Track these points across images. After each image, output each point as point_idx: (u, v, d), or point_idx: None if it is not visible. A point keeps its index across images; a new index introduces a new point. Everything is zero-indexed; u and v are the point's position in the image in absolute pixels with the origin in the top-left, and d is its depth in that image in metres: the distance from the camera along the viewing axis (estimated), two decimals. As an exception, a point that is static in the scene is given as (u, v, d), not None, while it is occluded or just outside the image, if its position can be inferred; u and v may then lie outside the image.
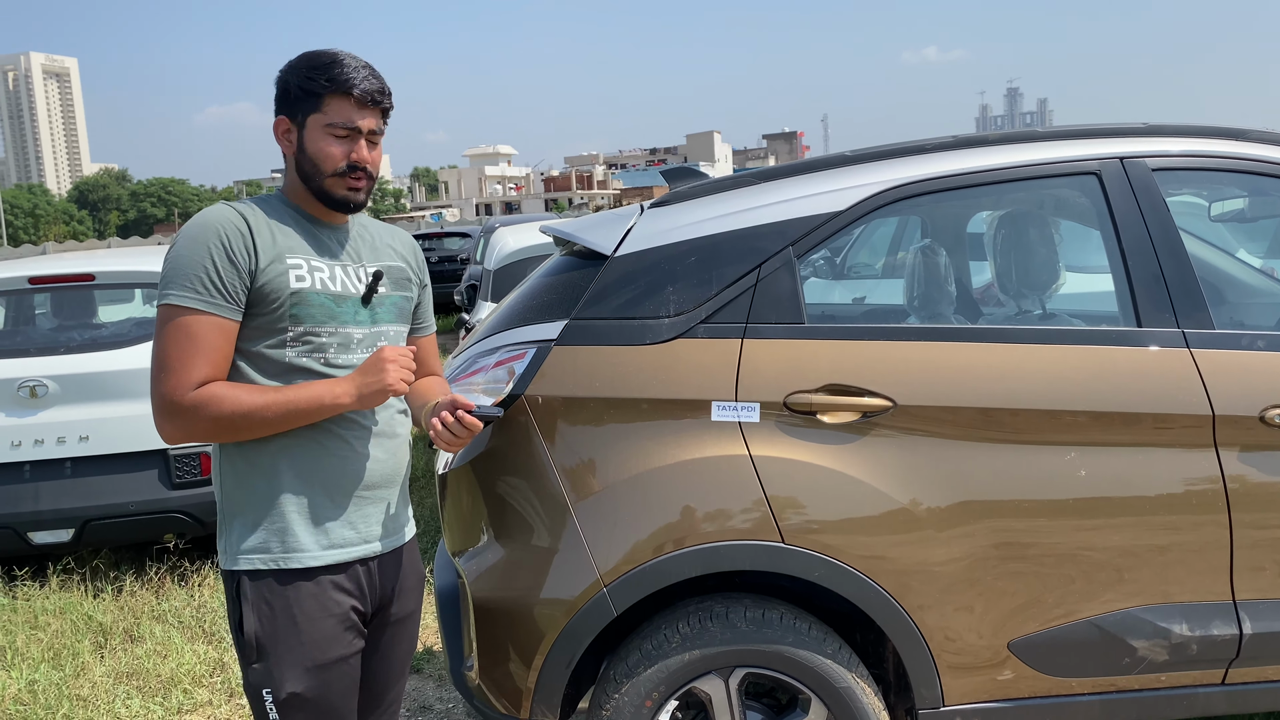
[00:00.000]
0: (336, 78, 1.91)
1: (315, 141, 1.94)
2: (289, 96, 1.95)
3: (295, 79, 1.93)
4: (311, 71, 1.92)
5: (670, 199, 2.60)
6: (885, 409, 2.33)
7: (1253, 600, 2.39)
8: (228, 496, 1.96)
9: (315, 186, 1.96)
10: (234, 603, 1.95)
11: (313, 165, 1.95)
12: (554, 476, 2.36)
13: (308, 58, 1.95)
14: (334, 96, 1.92)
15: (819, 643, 2.35)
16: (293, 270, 1.91)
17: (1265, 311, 3.51)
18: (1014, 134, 2.61)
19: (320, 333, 1.93)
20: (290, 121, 1.96)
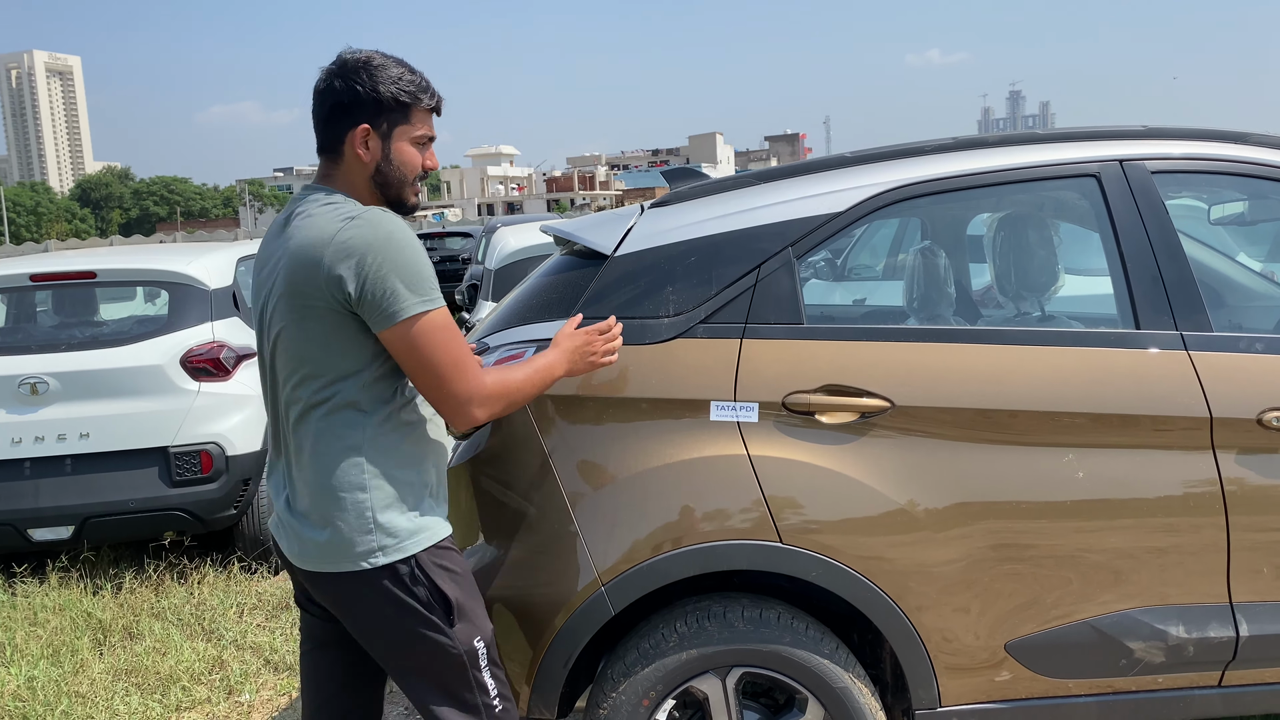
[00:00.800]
0: (423, 90, 2.02)
1: (403, 152, 2.02)
2: (379, 105, 1.98)
3: (387, 89, 1.97)
4: (402, 83, 1.99)
5: (670, 199, 2.61)
6: (883, 409, 2.33)
7: (1249, 602, 2.40)
8: (381, 494, 1.99)
9: (394, 194, 2.04)
10: (415, 584, 2.01)
11: (398, 174, 2.03)
12: (553, 475, 2.37)
13: (391, 69, 1.99)
14: (421, 110, 2.02)
15: (816, 643, 2.35)
16: None
17: (1264, 314, 3.51)
18: (1013, 136, 2.61)
19: None
20: (373, 130, 1.99)
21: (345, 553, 1.98)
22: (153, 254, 5.79)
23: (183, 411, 4.85)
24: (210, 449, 4.85)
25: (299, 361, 1.98)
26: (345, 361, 1.96)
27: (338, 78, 1.98)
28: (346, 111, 1.98)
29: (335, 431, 1.98)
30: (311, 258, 1.90)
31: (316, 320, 1.94)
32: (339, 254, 1.88)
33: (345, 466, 1.97)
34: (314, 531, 2.01)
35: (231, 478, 4.90)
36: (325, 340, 1.95)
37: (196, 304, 5.14)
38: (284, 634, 4.37)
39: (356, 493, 1.97)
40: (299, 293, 1.93)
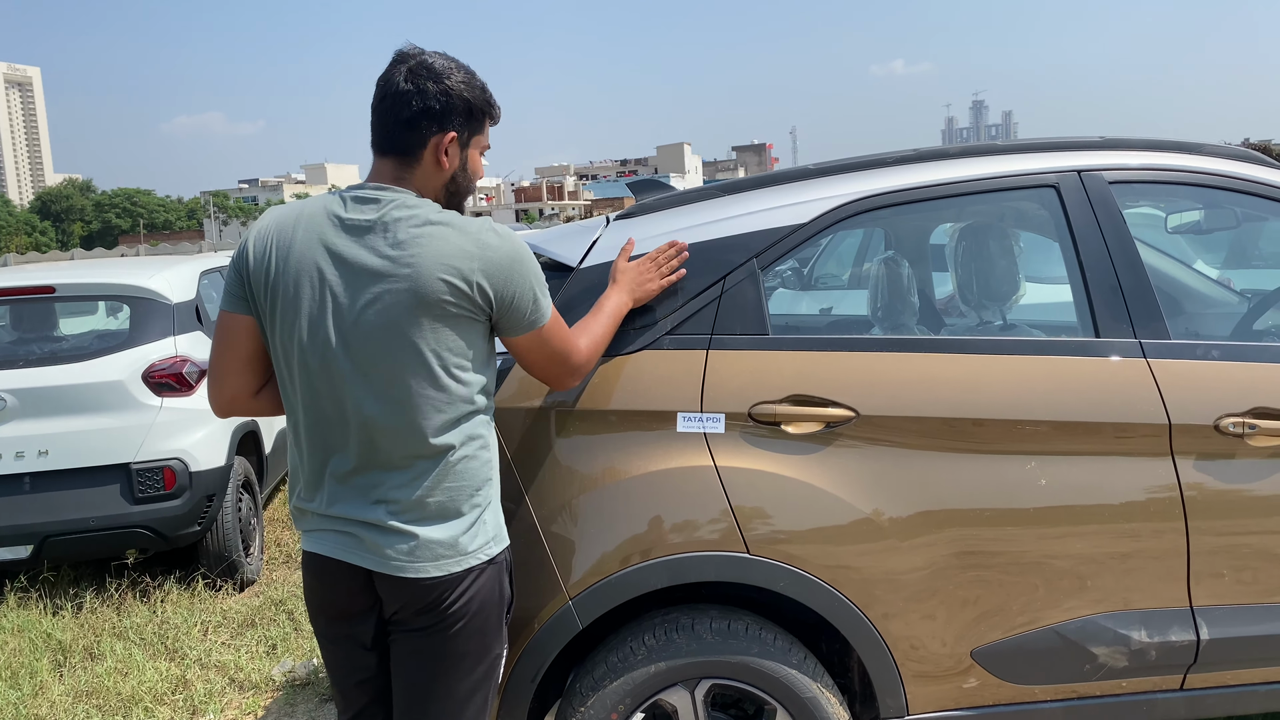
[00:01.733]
0: (495, 105, 2.07)
1: (475, 161, 2.06)
2: (470, 113, 1.99)
3: (476, 100, 1.99)
4: (486, 95, 2.03)
5: (636, 211, 2.61)
6: (848, 419, 2.35)
7: (1209, 606, 2.43)
8: (494, 488, 2.06)
9: (459, 203, 2.07)
10: (504, 582, 2.06)
11: (469, 182, 2.07)
12: (518, 489, 2.35)
13: (473, 78, 2.01)
14: (488, 122, 2.07)
15: (784, 653, 2.36)
16: None
17: (1220, 321, 3.58)
18: (974, 147, 2.64)
19: None
20: (458, 138, 1.99)
21: (464, 548, 1.97)
22: (114, 268, 5.72)
23: (145, 427, 4.78)
24: (173, 465, 4.79)
25: (434, 365, 1.91)
26: (480, 364, 1.99)
27: (429, 79, 1.94)
28: (435, 116, 1.95)
29: (469, 428, 1.98)
30: (454, 268, 1.88)
31: (457, 328, 1.92)
32: (486, 267, 1.91)
33: (478, 464, 2.00)
34: (435, 530, 1.94)
35: (195, 494, 4.84)
36: (455, 348, 1.93)
37: (159, 318, 5.08)
38: (249, 652, 4.31)
39: (485, 487, 2.02)
40: (435, 307, 1.88)
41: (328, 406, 1.94)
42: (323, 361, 1.92)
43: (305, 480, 2.02)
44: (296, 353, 1.94)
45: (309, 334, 1.92)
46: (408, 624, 2.00)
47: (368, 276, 1.89)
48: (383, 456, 1.94)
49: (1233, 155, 2.71)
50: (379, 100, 1.97)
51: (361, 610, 2.03)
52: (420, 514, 1.94)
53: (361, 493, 1.95)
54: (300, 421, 1.99)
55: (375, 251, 1.90)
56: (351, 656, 2.08)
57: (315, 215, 1.96)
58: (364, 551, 1.96)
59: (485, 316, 1.95)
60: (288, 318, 1.93)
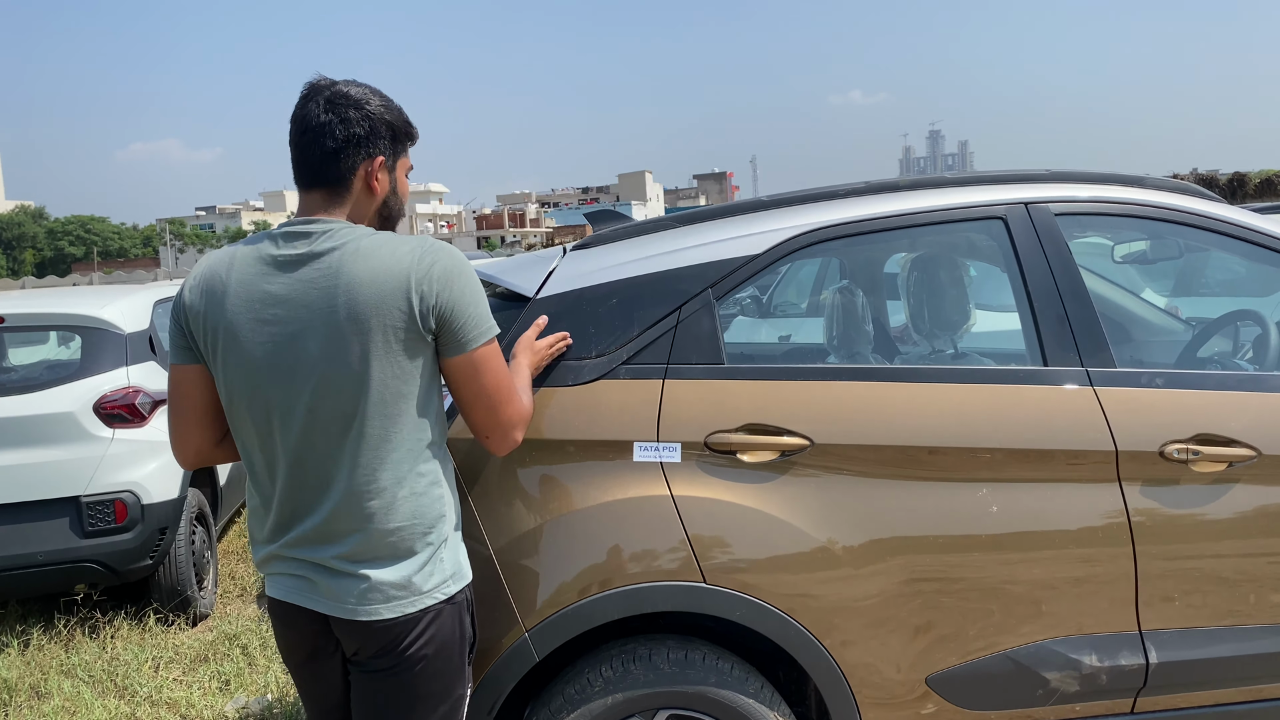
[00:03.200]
0: (413, 125, 2.07)
1: (402, 183, 2.07)
2: (394, 137, 2.00)
3: (398, 122, 2.00)
4: (404, 116, 2.03)
5: (593, 241, 2.63)
6: (803, 448, 2.37)
7: (1157, 630, 2.47)
8: (449, 523, 2.01)
9: (391, 227, 2.07)
10: (464, 623, 2.03)
11: (399, 204, 2.07)
12: (474, 519, 2.34)
13: (390, 101, 2.01)
14: (409, 142, 2.07)
15: (741, 682, 2.36)
16: None
17: (1166, 349, 3.66)
18: (925, 180, 2.70)
19: None
20: (385, 162, 1.99)
21: (418, 588, 1.93)
22: (66, 297, 5.63)
23: (95, 459, 4.70)
24: (125, 498, 4.70)
25: (381, 394, 1.88)
26: (425, 392, 1.95)
27: (349, 107, 1.92)
28: (361, 143, 1.93)
29: (418, 463, 1.94)
30: (394, 286, 1.85)
31: (400, 352, 1.88)
32: (427, 281, 1.87)
33: (428, 501, 1.96)
34: (386, 572, 1.91)
35: (147, 527, 4.75)
36: (407, 373, 1.90)
37: (111, 348, 5.00)
38: (201, 688, 4.23)
39: (440, 524, 1.98)
40: (386, 331, 1.86)
41: (277, 447, 1.93)
42: (267, 402, 1.90)
43: (261, 521, 2.00)
44: (244, 396, 1.92)
45: (252, 377, 1.90)
46: (366, 665, 1.98)
47: (305, 311, 1.87)
48: (314, 495, 1.92)
49: (1175, 189, 2.78)
50: (299, 135, 1.94)
51: (326, 651, 2.03)
52: (370, 555, 1.91)
53: (307, 534, 1.94)
54: (254, 463, 1.98)
55: (311, 284, 1.87)
56: (322, 692, 2.10)
57: (248, 257, 1.94)
58: (318, 595, 1.94)
59: (430, 335, 1.90)
60: (230, 362, 1.91)
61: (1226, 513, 2.47)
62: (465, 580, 2.05)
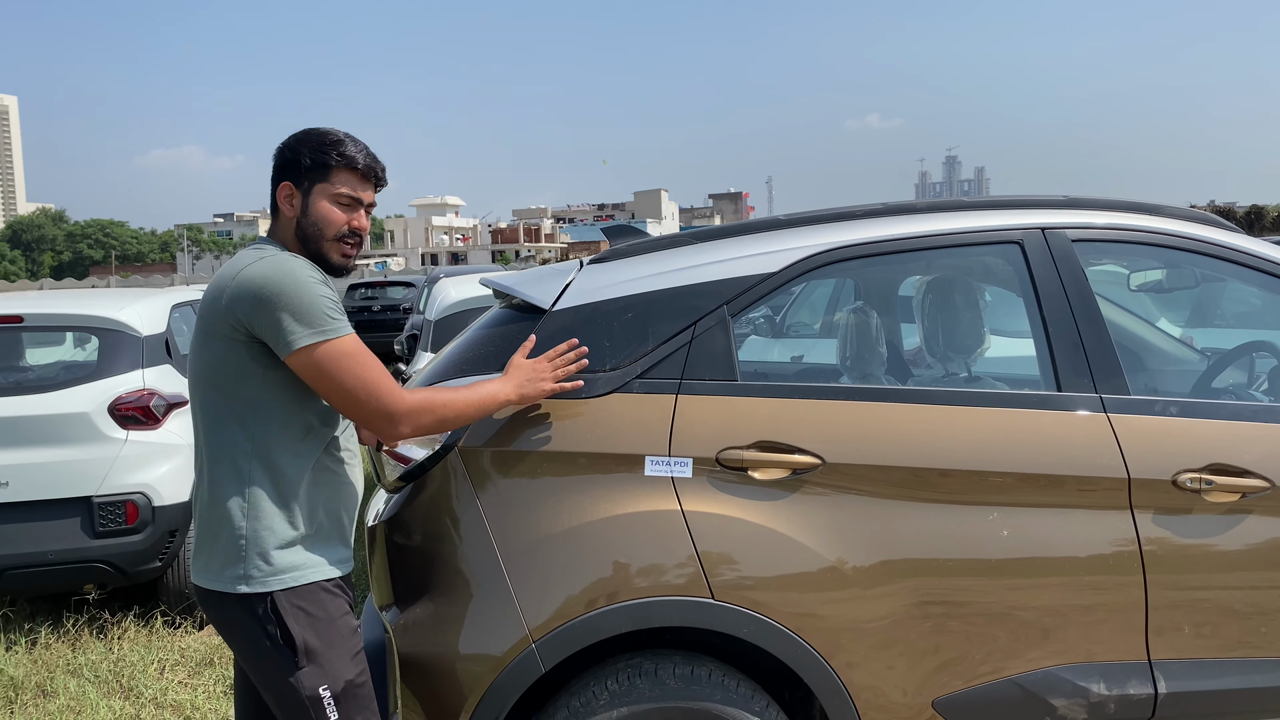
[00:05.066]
0: (346, 153, 2.20)
1: (320, 207, 2.20)
2: (299, 166, 2.20)
3: (308, 151, 2.19)
4: (324, 146, 2.20)
5: (609, 255, 2.64)
6: (814, 466, 2.37)
7: (1167, 660, 2.45)
8: (260, 526, 2.12)
9: (313, 249, 2.21)
10: (262, 620, 2.12)
11: (315, 228, 2.21)
12: (485, 529, 2.35)
13: (318, 134, 2.22)
14: (343, 170, 2.21)
15: (747, 700, 2.35)
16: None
17: (1181, 379, 3.64)
18: (941, 203, 2.71)
19: None
20: (295, 188, 2.21)
21: (218, 573, 2.14)
22: (83, 299, 5.67)
23: (108, 460, 4.73)
24: (136, 499, 4.72)
25: (202, 386, 2.16)
26: (239, 388, 2.12)
27: (282, 144, 2.23)
28: (279, 171, 2.22)
29: (228, 455, 2.14)
30: (216, 290, 2.12)
31: (216, 348, 2.12)
32: (240, 288, 2.08)
33: (230, 490, 2.13)
34: (205, 548, 2.17)
35: (157, 529, 4.77)
36: (220, 366, 2.12)
37: (127, 350, 5.03)
38: (206, 691, 4.24)
39: (237, 518, 2.12)
40: (205, 322, 2.13)
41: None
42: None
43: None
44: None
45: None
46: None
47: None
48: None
49: (1191, 217, 2.78)
50: None
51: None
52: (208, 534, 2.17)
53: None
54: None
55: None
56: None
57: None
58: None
59: (240, 338, 2.10)
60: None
61: (1239, 544, 2.46)
62: (271, 587, 2.12)
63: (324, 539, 2.21)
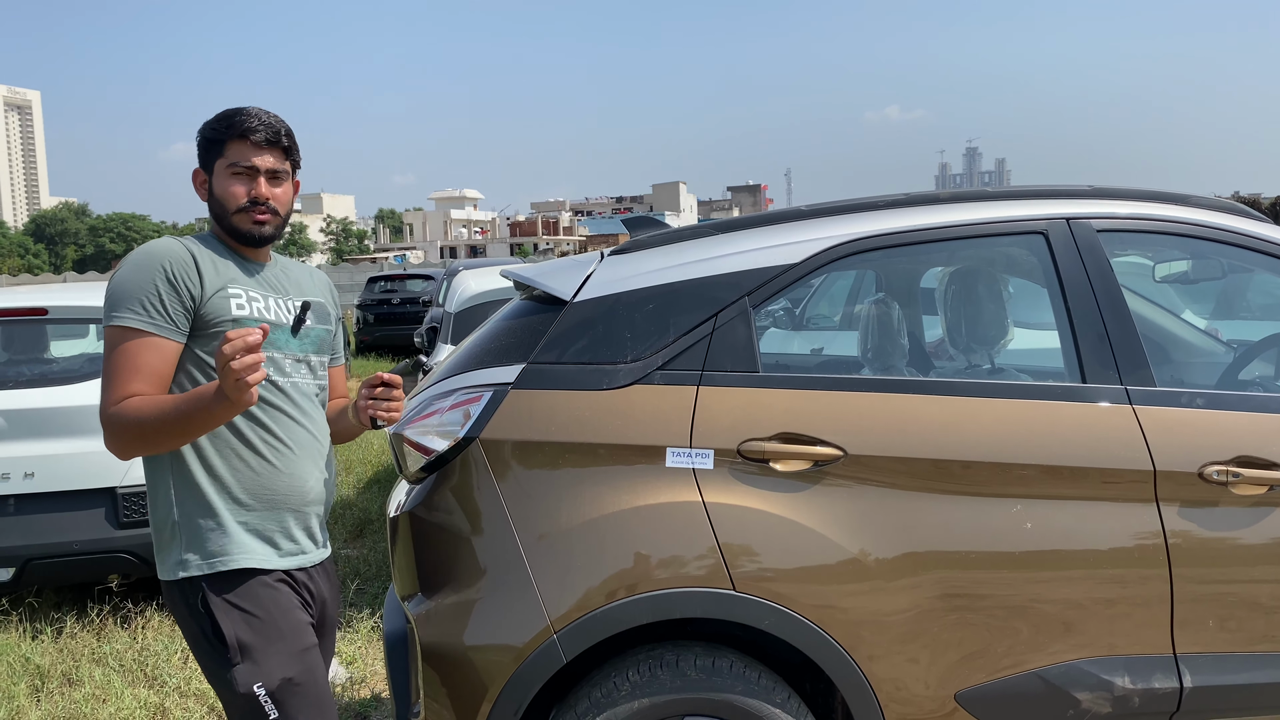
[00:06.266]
0: (234, 123, 2.16)
1: (220, 183, 2.19)
2: (201, 148, 2.21)
3: (204, 133, 2.20)
4: (216, 123, 2.19)
5: (630, 247, 2.64)
6: (836, 458, 2.36)
7: (1193, 654, 2.43)
8: (176, 511, 2.12)
9: (226, 225, 2.21)
10: (197, 614, 2.11)
11: (220, 205, 2.20)
12: (507, 520, 2.36)
13: (216, 117, 2.20)
14: (233, 141, 2.17)
15: (768, 692, 2.35)
16: (233, 299, 2.14)
17: (1207, 370, 3.61)
18: (964, 193, 2.68)
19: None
20: (205, 173, 2.23)
21: (162, 560, 2.16)
22: (107, 291, 5.71)
23: (132, 451, 4.75)
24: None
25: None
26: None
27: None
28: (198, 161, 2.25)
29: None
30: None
31: None
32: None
33: (160, 475, 2.15)
34: (155, 537, 2.18)
35: (180, 520, 4.79)
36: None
37: (150, 342, 5.06)
38: (229, 681, 4.26)
39: (168, 503, 2.14)
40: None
41: None
42: None
43: None
44: None
45: None
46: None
47: None
48: None
49: (1220, 208, 2.75)
50: None
51: None
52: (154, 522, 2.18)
53: None
54: None
55: None
56: None
57: None
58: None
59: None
60: None
61: (1266, 537, 2.43)
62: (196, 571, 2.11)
63: (257, 528, 2.16)
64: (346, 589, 5.38)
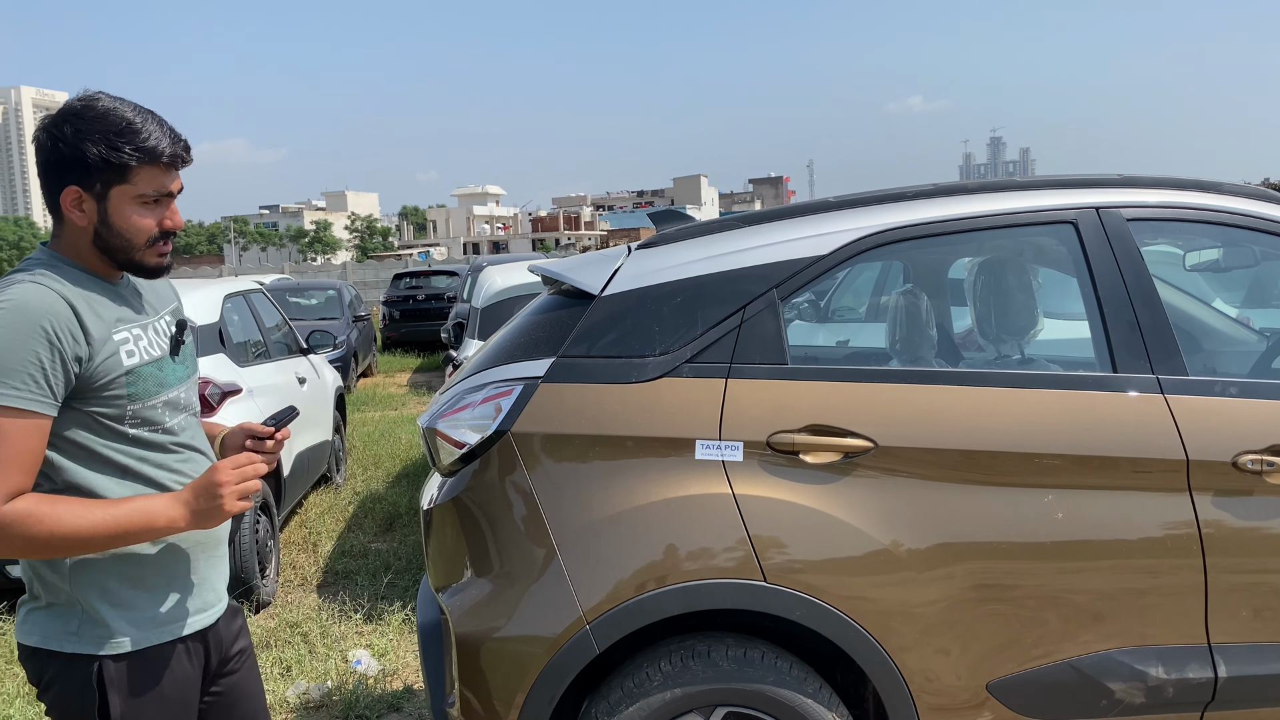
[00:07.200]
0: (146, 146, 1.74)
1: (124, 214, 1.77)
2: (85, 165, 1.72)
3: (96, 147, 1.72)
4: (116, 140, 1.73)
5: (657, 240, 2.65)
6: (866, 450, 2.36)
7: (1227, 644, 2.42)
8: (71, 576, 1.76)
9: (123, 259, 1.81)
10: (84, 690, 1.76)
11: (123, 239, 1.78)
12: (539, 512, 2.38)
13: (101, 120, 1.73)
14: (144, 166, 1.76)
15: (800, 682, 2.36)
16: (122, 347, 1.77)
17: (1239, 359, 3.57)
18: (993, 183, 2.68)
19: (155, 404, 1.82)
20: (85, 191, 1.75)
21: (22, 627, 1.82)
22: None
23: (166, 448, 4.80)
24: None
25: None
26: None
27: (45, 130, 1.74)
28: (55, 170, 1.75)
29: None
30: None
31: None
32: None
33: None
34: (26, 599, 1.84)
35: (213, 515, 4.84)
36: None
37: (182, 340, 5.11)
38: (264, 673, 4.32)
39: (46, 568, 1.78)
40: None
41: None
42: None
43: None
44: None
45: None
46: None
47: None
48: None
49: (1252, 194, 2.72)
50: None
51: None
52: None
53: None
54: None
55: None
56: None
57: None
58: None
59: None
60: None
61: (1301, 526, 2.41)
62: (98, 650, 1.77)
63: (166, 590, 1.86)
64: (378, 581, 5.43)
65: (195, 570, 1.90)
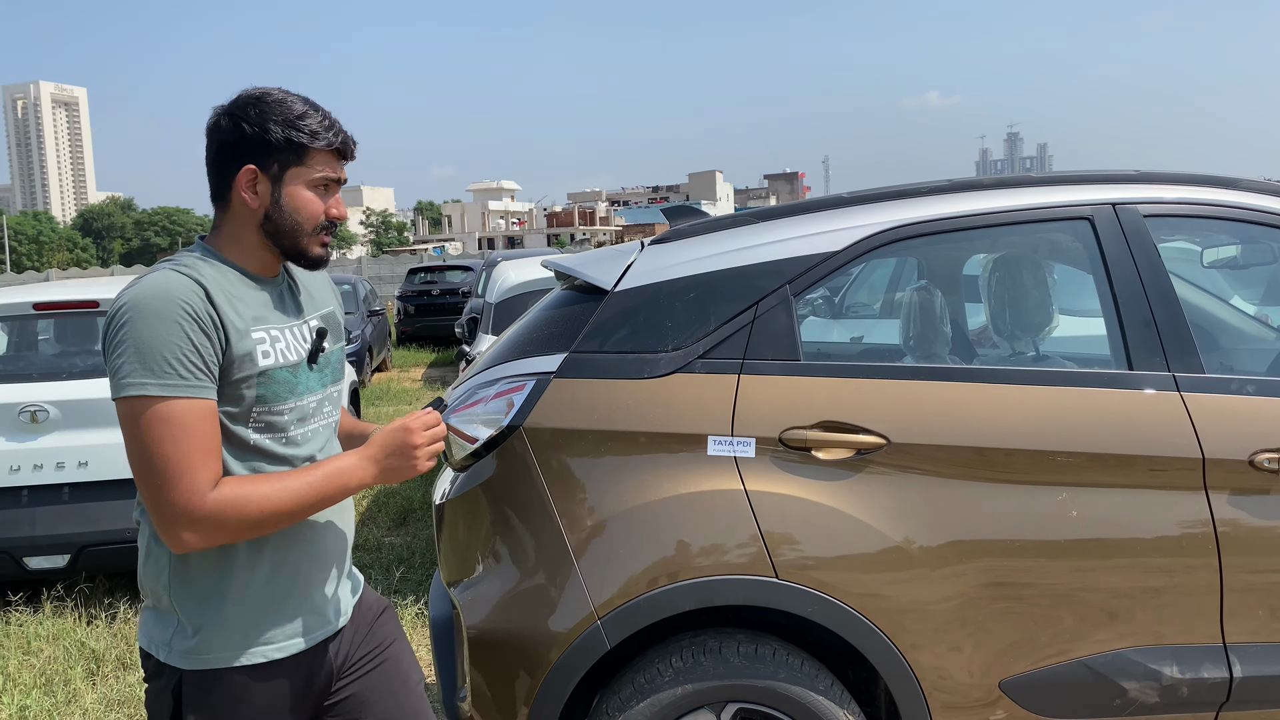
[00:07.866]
0: (322, 129, 1.79)
1: (297, 196, 1.79)
2: (266, 145, 1.76)
3: (279, 128, 1.75)
4: (297, 121, 1.77)
5: (670, 236, 2.65)
6: (879, 446, 2.36)
7: (1243, 644, 2.40)
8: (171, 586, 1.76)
9: (289, 244, 1.82)
10: (164, 699, 1.77)
11: (293, 222, 1.80)
12: (550, 508, 2.38)
13: (280, 104, 1.77)
14: (317, 149, 1.79)
15: (811, 679, 2.36)
16: (259, 346, 1.75)
17: (1257, 357, 3.55)
18: (1009, 179, 2.66)
19: (283, 410, 1.79)
20: (262, 172, 1.77)
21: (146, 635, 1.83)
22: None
23: (182, 441, 4.83)
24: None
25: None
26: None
27: (226, 115, 1.78)
28: (233, 151, 1.77)
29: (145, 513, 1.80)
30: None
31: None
32: (108, 316, 1.69)
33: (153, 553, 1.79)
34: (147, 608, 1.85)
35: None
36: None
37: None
38: (278, 666, 4.35)
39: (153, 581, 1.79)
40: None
41: None
42: None
43: None
44: None
45: None
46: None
47: None
48: None
49: (1271, 191, 2.70)
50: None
51: None
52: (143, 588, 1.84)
53: None
54: None
55: None
56: None
57: None
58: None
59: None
60: None
61: (1319, 525, 2.39)
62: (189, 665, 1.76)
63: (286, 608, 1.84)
64: (391, 576, 5.45)
65: (296, 591, 1.84)
